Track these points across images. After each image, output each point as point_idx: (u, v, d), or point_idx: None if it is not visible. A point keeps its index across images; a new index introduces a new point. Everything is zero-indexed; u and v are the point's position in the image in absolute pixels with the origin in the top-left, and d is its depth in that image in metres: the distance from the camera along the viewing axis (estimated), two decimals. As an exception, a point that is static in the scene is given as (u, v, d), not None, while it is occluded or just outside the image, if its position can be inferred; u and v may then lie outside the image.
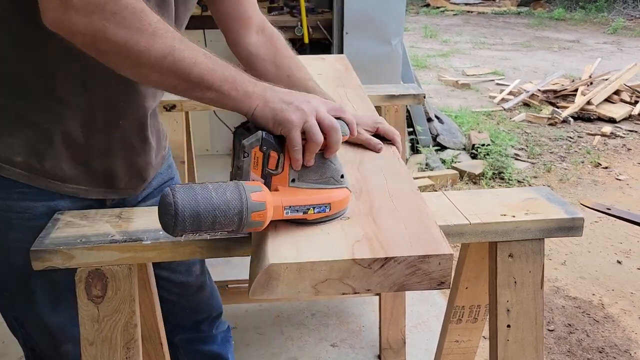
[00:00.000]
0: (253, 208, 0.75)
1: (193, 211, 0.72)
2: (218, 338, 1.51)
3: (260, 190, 0.77)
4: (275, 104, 0.82)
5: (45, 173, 1.01)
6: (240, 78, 0.83)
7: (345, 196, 0.85)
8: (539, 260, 1.01)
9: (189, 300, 1.40)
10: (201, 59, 0.81)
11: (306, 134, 0.80)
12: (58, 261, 0.89)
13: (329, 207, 0.82)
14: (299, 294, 0.77)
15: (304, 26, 3.42)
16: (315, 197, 0.82)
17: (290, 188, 0.83)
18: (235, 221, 0.75)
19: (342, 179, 0.85)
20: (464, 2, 12.80)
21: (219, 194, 0.74)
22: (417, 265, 0.76)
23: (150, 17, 0.79)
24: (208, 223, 0.74)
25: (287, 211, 0.80)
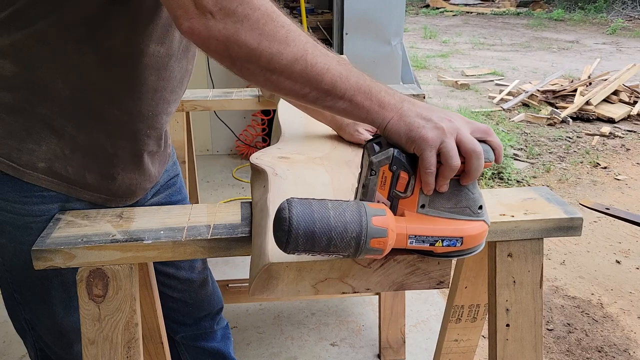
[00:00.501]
0: (373, 234, 0.68)
1: (308, 230, 0.67)
2: (218, 334, 1.52)
3: (384, 215, 0.70)
4: (411, 118, 0.74)
5: (68, 179, 1.00)
6: (375, 88, 0.77)
7: (481, 231, 0.75)
8: (538, 260, 1.02)
9: (192, 296, 1.41)
10: (334, 66, 0.76)
11: (441, 156, 0.72)
12: (59, 261, 0.90)
13: (461, 241, 0.73)
14: (298, 293, 0.78)
15: (304, 27, 3.42)
16: (446, 228, 0.73)
17: (418, 215, 0.74)
18: (352, 245, 0.69)
19: (479, 210, 0.75)
20: (463, 3, 12.81)
21: (338, 214, 0.68)
22: (417, 265, 0.77)
23: (283, 19, 0.76)
24: (322, 244, 0.68)
25: (411, 241, 0.72)
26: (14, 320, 1.14)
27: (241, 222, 0.96)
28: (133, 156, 1.06)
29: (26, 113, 0.95)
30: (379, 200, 0.74)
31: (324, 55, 0.76)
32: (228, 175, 3.77)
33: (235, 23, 0.74)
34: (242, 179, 3.69)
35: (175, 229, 0.94)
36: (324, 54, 0.76)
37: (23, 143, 0.96)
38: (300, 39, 0.76)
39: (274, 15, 0.75)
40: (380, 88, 0.78)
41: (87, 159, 1.00)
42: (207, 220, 0.97)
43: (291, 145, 1.17)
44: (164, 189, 1.25)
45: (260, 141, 3.98)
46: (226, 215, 0.99)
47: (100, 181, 1.03)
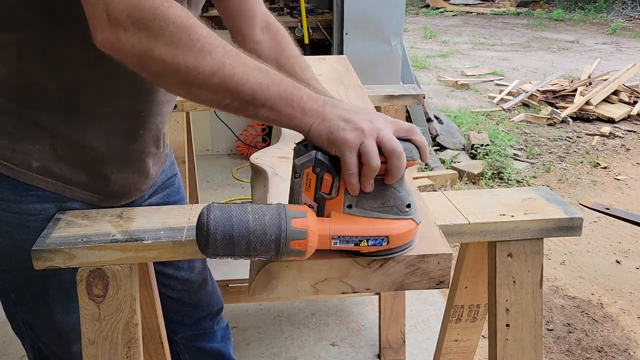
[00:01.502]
0: (292, 236, 0.69)
1: (226, 234, 0.68)
2: (218, 335, 1.51)
3: (304, 217, 0.70)
4: (332, 121, 0.74)
5: (62, 178, 1.01)
6: (297, 93, 0.76)
7: (408, 229, 0.74)
8: (538, 260, 1.02)
9: (191, 296, 1.41)
10: (254, 75, 0.75)
11: (362, 157, 0.72)
12: (59, 261, 0.90)
13: (387, 240, 0.73)
14: (298, 293, 0.78)
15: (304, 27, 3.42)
16: (370, 227, 0.73)
17: (344, 215, 0.74)
18: (272, 248, 0.69)
19: (407, 208, 0.74)
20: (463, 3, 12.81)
21: (257, 218, 0.69)
22: (417, 265, 0.77)
23: (199, 31, 0.74)
24: (242, 248, 0.69)
25: (335, 241, 0.72)
26: (11, 320, 1.14)
27: (241, 222, 0.96)
28: (128, 156, 1.06)
29: (19, 113, 0.96)
30: (306, 202, 0.74)
31: (243, 65, 0.75)
32: (228, 175, 3.77)
33: (149, 38, 0.73)
34: (242, 179, 3.69)
35: (175, 229, 0.94)
36: (243, 64, 0.76)
37: (17, 143, 0.96)
38: (218, 50, 0.75)
39: (190, 29, 0.74)
40: (302, 94, 0.77)
41: (80, 158, 1.01)
42: (207, 220, 0.97)
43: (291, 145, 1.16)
44: (161, 189, 1.25)
45: (260, 141, 3.98)
46: (226, 215, 0.99)
47: (95, 181, 1.04)
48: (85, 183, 1.03)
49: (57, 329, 1.11)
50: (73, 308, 1.08)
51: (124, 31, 0.73)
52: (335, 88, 1.54)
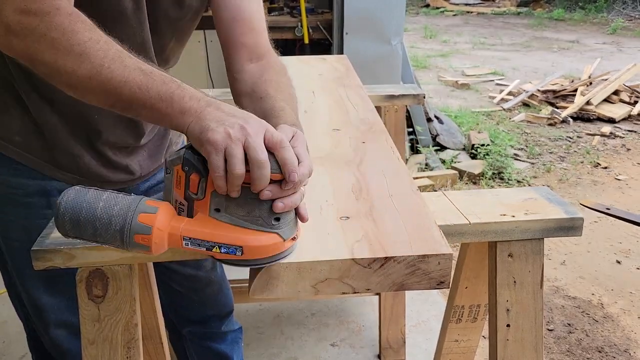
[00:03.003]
0: (136, 230, 0.71)
1: (74, 217, 0.71)
2: (228, 337, 1.51)
3: (154, 213, 0.71)
4: (206, 121, 0.73)
5: (40, 155, 1.06)
6: (178, 94, 0.76)
7: (268, 243, 0.71)
8: (538, 260, 1.02)
9: (197, 293, 1.41)
10: (134, 77, 0.77)
11: (226, 161, 0.70)
12: (59, 261, 0.89)
13: (241, 250, 0.71)
14: (298, 293, 0.77)
15: (304, 26, 3.42)
16: (225, 235, 0.71)
17: (208, 218, 0.72)
18: (117, 238, 0.71)
19: (275, 222, 0.72)
20: (463, 3, 12.80)
21: (107, 206, 0.71)
22: (417, 265, 0.77)
23: (80, 36, 0.77)
24: (89, 232, 0.72)
25: (186, 242, 0.72)
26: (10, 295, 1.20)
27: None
28: (88, 141, 1.09)
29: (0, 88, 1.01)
30: (177, 200, 0.74)
31: (122, 68, 0.77)
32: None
33: (34, 42, 0.77)
34: (242, 178, 3.68)
35: (175, 229, 0.94)
36: (123, 66, 0.77)
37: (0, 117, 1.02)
38: (97, 54, 0.77)
39: (71, 34, 0.77)
40: (184, 94, 0.76)
41: (52, 135, 1.05)
42: (207, 221, 0.97)
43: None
44: (160, 188, 1.26)
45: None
46: (226, 216, 0.98)
47: (68, 160, 1.08)
48: (61, 163, 1.07)
49: (37, 305, 1.15)
50: (57, 290, 1.13)
51: (14, 36, 0.78)
52: (335, 88, 1.54)
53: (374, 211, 0.87)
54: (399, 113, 1.88)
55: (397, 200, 0.90)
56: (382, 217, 0.85)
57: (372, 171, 1.01)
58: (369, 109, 1.36)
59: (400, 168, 1.03)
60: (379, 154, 1.10)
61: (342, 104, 1.40)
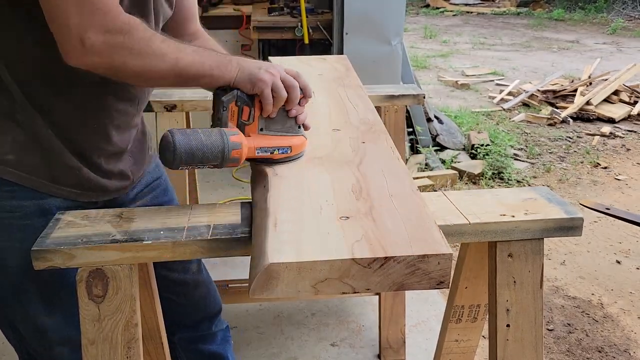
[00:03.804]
0: (232, 147, 0.97)
1: (187, 148, 0.93)
2: (218, 337, 1.51)
3: (237, 134, 0.99)
4: (250, 69, 1.00)
5: (35, 173, 1.03)
6: (220, 60, 1.00)
7: (302, 142, 1.07)
8: (538, 260, 1.02)
9: (187, 297, 1.41)
10: (194, 59, 0.98)
11: (274, 91, 0.99)
12: (59, 261, 0.89)
13: (290, 149, 1.05)
14: (298, 293, 0.77)
15: (304, 27, 3.42)
16: (279, 141, 1.04)
17: (259, 134, 1.03)
18: (219, 157, 0.96)
19: (299, 129, 1.06)
20: (463, 3, 12.79)
21: (206, 136, 0.95)
22: (417, 265, 0.77)
23: (156, 40, 0.95)
24: (199, 157, 0.94)
25: (258, 151, 1.02)
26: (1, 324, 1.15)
27: (241, 222, 0.96)
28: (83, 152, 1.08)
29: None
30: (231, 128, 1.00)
31: (186, 55, 0.97)
32: (228, 175, 3.76)
33: (122, 57, 0.92)
34: (242, 179, 3.68)
35: (175, 229, 0.94)
36: (186, 54, 0.98)
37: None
38: (170, 48, 0.96)
39: (150, 41, 0.94)
40: (222, 59, 1.01)
41: (49, 150, 1.03)
42: (207, 220, 0.97)
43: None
44: (148, 191, 1.27)
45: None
46: (226, 215, 0.99)
47: (66, 174, 1.06)
48: (57, 177, 1.05)
49: (38, 328, 1.12)
50: (56, 309, 1.09)
51: (97, 55, 0.90)
52: (335, 88, 1.54)
53: (374, 211, 0.87)
54: (398, 113, 1.88)
55: (397, 200, 0.90)
56: (382, 217, 0.85)
57: (372, 171, 1.01)
58: (369, 109, 1.36)
59: (400, 168, 1.04)
60: (379, 154, 1.10)
61: (342, 104, 1.40)
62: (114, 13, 0.91)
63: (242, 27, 3.83)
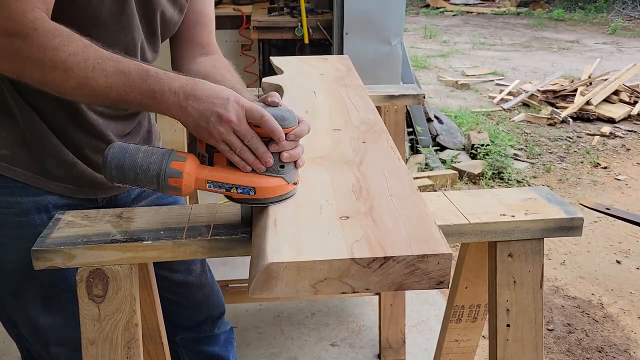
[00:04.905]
0: (170, 174, 0.87)
1: (118, 165, 0.87)
2: (221, 338, 1.51)
3: (183, 161, 0.88)
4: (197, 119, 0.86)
5: (31, 168, 1.03)
6: (159, 89, 0.86)
7: (275, 185, 0.89)
8: (538, 260, 1.02)
9: (189, 299, 1.40)
10: (116, 82, 0.86)
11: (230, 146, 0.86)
12: (59, 261, 0.89)
13: (254, 190, 0.88)
14: (298, 293, 0.77)
15: (304, 27, 3.42)
16: (240, 178, 0.88)
17: (225, 167, 0.89)
18: (155, 182, 0.87)
19: (280, 169, 0.89)
20: (463, 3, 12.79)
21: (145, 156, 0.87)
22: (416, 265, 0.77)
23: (61, 53, 0.84)
24: (131, 177, 0.87)
25: (209, 184, 0.89)
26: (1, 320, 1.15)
27: (241, 222, 0.96)
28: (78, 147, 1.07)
29: None
30: (200, 152, 0.91)
31: (104, 76, 0.86)
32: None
33: (19, 63, 0.85)
34: (242, 179, 3.68)
35: (175, 229, 0.94)
36: (104, 74, 0.86)
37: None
38: (79, 66, 0.85)
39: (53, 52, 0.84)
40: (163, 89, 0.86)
41: (43, 144, 1.03)
42: (207, 220, 0.97)
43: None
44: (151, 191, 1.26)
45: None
46: (226, 215, 0.99)
47: (61, 169, 1.05)
48: (53, 173, 1.05)
49: (35, 326, 1.12)
50: (55, 308, 1.09)
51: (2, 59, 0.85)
52: (336, 88, 1.54)
53: (374, 211, 0.87)
54: (398, 113, 1.88)
55: (397, 200, 0.90)
56: (382, 217, 0.85)
57: (372, 171, 1.01)
58: (370, 109, 1.36)
59: (400, 168, 1.03)
60: (380, 154, 1.10)
61: (342, 104, 1.40)
62: (17, 15, 0.83)
63: (242, 27, 3.83)
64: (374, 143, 1.15)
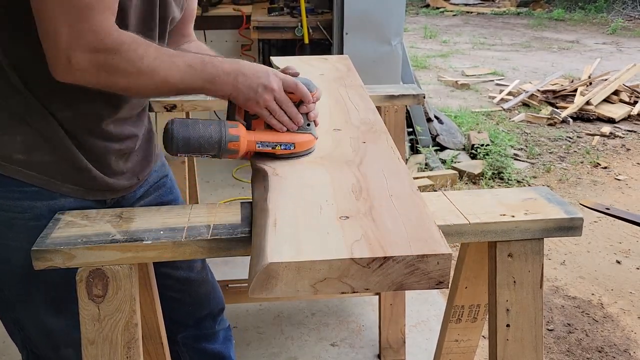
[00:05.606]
0: (229, 138, 1.00)
1: (185, 136, 0.97)
2: (220, 336, 1.51)
3: (237, 127, 1.01)
4: (246, 90, 1.00)
5: (46, 172, 1.02)
6: (216, 74, 0.98)
7: (308, 140, 1.07)
8: (538, 260, 1.02)
9: (191, 296, 1.41)
10: (187, 74, 0.97)
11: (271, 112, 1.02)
12: (59, 261, 0.89)
13: (294, 146, 1.05)
14: (298, 293, 0.77)
15: (304, 27, 3.42)
16: (282, 137, 1.04)
17: (265, 130, 1.05)
18: (216, 147, 0.99)
19: (307, 126, 1.06)
20: (463, 3, 12.79)
21: (205, 127, 0.99)
22: (416, 265, 0.77)
23: (145, 60, 0.93)
24: (196, 146, 0.98)
25: (258, 145, 1.03)
26: (3, 319, 1.15)
27: (241, 222, 0.96)
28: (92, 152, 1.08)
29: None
30: (239, 120, 1.05)
31: (178, 72, 0.96)
32: (228, 175, 3.77)
33: (109, 75, 0.92)
34: (242, 179, 3.68)
35: (175, 229, 0.94)
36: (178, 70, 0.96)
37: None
38: (160, 68, 0.94)
39: (138, 61, 0.93)
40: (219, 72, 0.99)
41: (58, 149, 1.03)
42: (207, 221, 0.97)
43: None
44: (153, 189, 1.27)
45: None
46: (226, 215, 0.99)
47: (75, 172, 1.06)
48: (66, 176, 1.05)
49: (44, 329, 1.12)
50: (64, 311, 1.08)
51: (81, 72, 0.90)
52: (337, 88, 1.54)
53: (374, 211, 0.87)
54: (398, 113, 1.88)
55: (397, 200, 0.90)
56: (382, 217, 0.85)
57: (372, 171, 1.01)
58: (370, 109, 1.36)
59: (400, 168, 1.04)
60: (380, 154, 1.10)
61: (343, 104, 1.40)
62: (104, 33, 0.90)
63: (242, 27, 3.83)
64: (374, 143, 1.15)
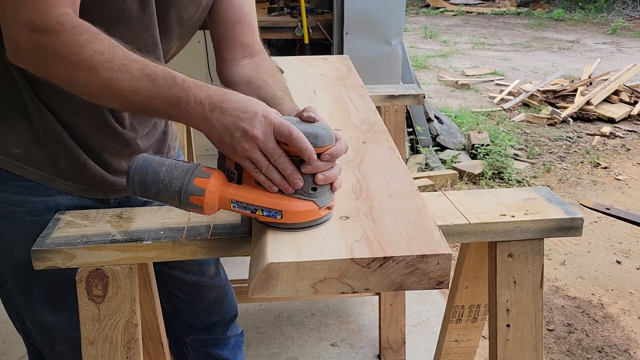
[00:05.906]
0: (192, 191, 0.81)
1: (141, 178, 0.83)
2: (231, 342, 1.50)
3: (207, 177, 0.82)
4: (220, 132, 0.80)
5: (43, 167, 1.02)
6: (184, 98, 0.81)
7: (304, 209, 0.80)
8: (538, 260, 1.02)
9: (202, 300, 1.40)
10: (142, 86, 0.81)
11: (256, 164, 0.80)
12: (59, 261, 0.89)
13: (281, 214, 0.80)
14: (298, 293, 0.77)
15: (304, 27, 3.42)
16: (267, 200, 0.80)
17: (254, 186, 0.83)
18: (176, 198, 0.82)
19: (312, 192, 0.81)
20: (463, 3, 12.80)
21: (168, 171, 0.83)
22: (416, 265, 0.77)
23: (86, 51, 0.81)
24: (153, 192, 0.83)
25: (234, 205, 0.82)
26: (8, 312, 1.16)
27: (241, 222, 0.96)
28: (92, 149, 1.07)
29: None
30: (229, 169, 0.85)
31: (130, 79, 0.81)
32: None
33: (46, 60, 0.82)
34: (242, 179, 3.68)
35: (175, 229, 0.94)
36: (130, 77, 0.81)
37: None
38: (104, 66, 0.81)
39: (78, 50, 0.81)
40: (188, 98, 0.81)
41: (57, 144, 1.02)
42: (207, 220, 0.97)
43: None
44: None
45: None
46: (226, 215, 0.99)
47: (73, 169, 1.05)
48: (64, 172, 1.04)
49: (41, 324, 1.12)
50: (61, 307, 1.09)
51: (24, 55, 0.83)
52: (336, 88, 1.54)
53: (374, 211, 0.87)
54: (398, 113, 1.88)
55: (397, 200, 0.90)
56: (382, 217, 0.85)
57: (372, 171, 1.01)
58: (370, 109, 1.36)
59: (400, 168, 1.03)
60: (380, 154, 1.10)
61: (343, 104, 1.41)
62: (43, 10, 0.80)
63: (242, 27, 3.82)
64: (374, 143, 1.15)
